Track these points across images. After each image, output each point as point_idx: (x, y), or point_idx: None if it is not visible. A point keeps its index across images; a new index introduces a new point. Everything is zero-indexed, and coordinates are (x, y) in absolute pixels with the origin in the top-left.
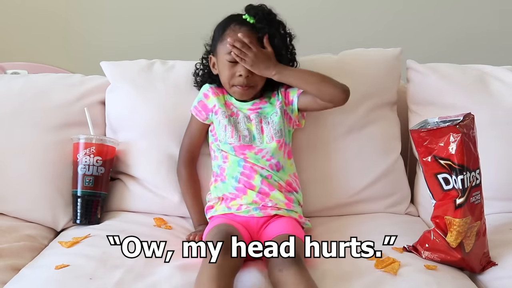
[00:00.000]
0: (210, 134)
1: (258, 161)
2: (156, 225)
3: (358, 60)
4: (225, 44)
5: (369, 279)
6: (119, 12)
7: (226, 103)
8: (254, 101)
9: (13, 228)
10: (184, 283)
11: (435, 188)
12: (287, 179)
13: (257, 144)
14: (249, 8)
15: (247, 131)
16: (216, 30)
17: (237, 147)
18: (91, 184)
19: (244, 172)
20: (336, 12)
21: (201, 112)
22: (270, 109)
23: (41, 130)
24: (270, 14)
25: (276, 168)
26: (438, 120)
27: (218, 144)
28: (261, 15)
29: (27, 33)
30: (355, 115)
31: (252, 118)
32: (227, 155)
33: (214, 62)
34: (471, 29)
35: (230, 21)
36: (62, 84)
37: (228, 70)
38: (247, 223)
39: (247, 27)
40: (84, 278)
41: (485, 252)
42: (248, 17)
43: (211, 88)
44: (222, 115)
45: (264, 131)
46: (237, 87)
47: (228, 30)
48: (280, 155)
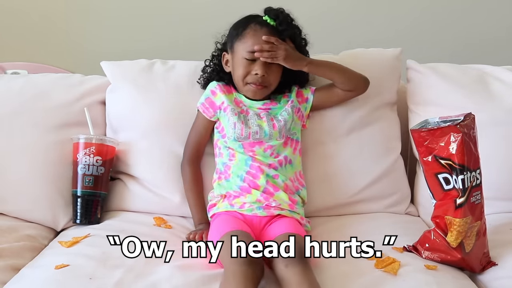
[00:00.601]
0: (216, 131)
1: (266, 158)
2: (156, 225)
3: (358, 60)
4: (244, 42)
5: (369, 279)
6: (119, 12)
7: (236, 101)
8: (264, 101)
9: (13, 228)
10: (184, 283)
11: (435, 188)
12: (294, 175)
13: (267, 140)
14: (269, 10)
15: (257, 127)
16: (234, 28)
17: (247, 144)
18: (91, 184)
19: (250, 171)
20: (336, 13)
21: (208, 109)
22: (280, 109)
23: (41, 130)
24: (289, 17)
25: (284, 162)
26: (439, 120)
27: (225, 141)
28: (281, 18)
29: (27, 33)
30: (355, 116)
31: (262, 116)
32: (234, 153)
33: (227, 60)
34: (471, 29)
35: (249, 21)
36: (62, 84)
37: (244, 68)
38: (250, 222)
39: (268, 28)
40: (84, 278)
41: (485, 252)
42: (269, 19)
43: (219, 85)
44: (232, 112)
45: (276, 127)
46: (251, 85)
47: (249, 29)
48: (289, 151)
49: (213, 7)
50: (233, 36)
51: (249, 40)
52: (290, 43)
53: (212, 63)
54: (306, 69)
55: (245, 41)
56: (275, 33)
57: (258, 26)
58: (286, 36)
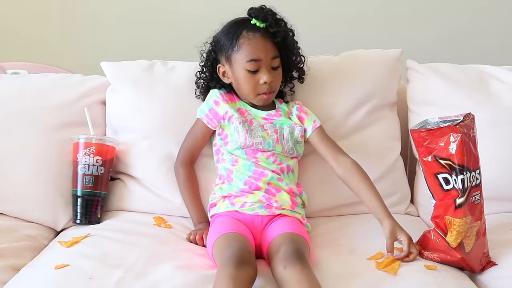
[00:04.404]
0: (219, 138)
1: (269, 165)
2: (156, 224)
3: (358, 61)
4: (241, 53)
5: (369, 279)
6: (119, 12)
7: (240, 110)
8: (269, 111)
9: (13, 228)
10: (184, 283)
11: (435, 188)
12: (295, 182)
13: (270, 150)
14: (254, 12)
15: (261, 138)
16: (226, 39)
17: (249, 150)
18: (91, 184)
19: (253, 176)
20: (336, 13)
21: (212, 120)
22: (284, 121)
23: (41, 130)
24: (276, 15)
25: (287, 170)
26: (438, 120)
27: (228, 148)
28: (270, 19)
29: (27, 33)
30: (355, 116)
31: (266, 128)
32: (237, 159)
33: (224, 71)
34: (471, 29)
35: (239, 28)
36: (62, 84)
37: (249, 80)
38: (251, 222)
39: (260, 32)
40: (84, 278)
41: (485, 252)
42: (258, 22)
43: (221, 94)
44: (237, 121)
45: (279, 141)
46: (263, 95)
47: (242, 38)
48: (292, 161)
49: (213, 7)
50: (226, 47)
51: (246, 49)
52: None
53: (205, 75)
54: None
55: (242, 51)
56: (269, 36)
57: (250, 33)
58: (280, 37)
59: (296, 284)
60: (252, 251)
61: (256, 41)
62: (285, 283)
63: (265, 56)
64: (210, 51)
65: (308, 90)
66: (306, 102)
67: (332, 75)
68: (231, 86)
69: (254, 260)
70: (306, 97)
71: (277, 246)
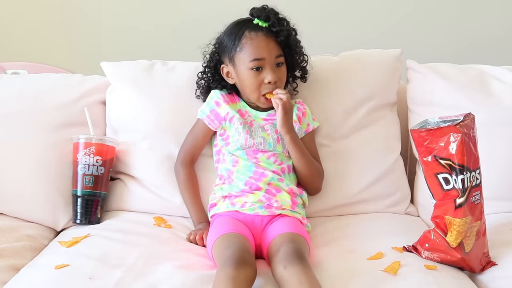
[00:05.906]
0: (220, 138)
1: (270, 165)
2: (156, 224)
3: (358, 61)
4: (244, 52)
5: (369, 279)
6: (119, 12)
7: (241, 112)
8: (269, 111)
9: (13, 228)
10: (184, 283)
11: (435, 188)
12: (296, 182)
13: (271, 150)
14: (256, 11)
15: (261, 139)
16: (228, 39)
17: (250, 151)
18: (91, 184)
19: (254, 176)
20: (336, 13)
21: (213, 121)
22: None
23: (41, 130)
24: (278, 15)
25: (287, 171)
26: (438, 120)
27: (229, 149)
28: (272, 19)
29: (27, 33)
30: (355, 116)
31: (266, 128)
32: (238, 159)
33: (228, 71)
34: (471, 29)
35: (242, 28)
36: (62, 84)
37: (253, 79)
38: (251, 223)
39: (263, 31)
40: (84, 278)
41: (485, 252)
42: (260, 22)
43: (222, 95)
44: (237, 122)
45: (280, 141)
46: (266, 98)
47: (245, 38)
48: (291, 161)
49: (213, 7)
50: (230, 48)
51: (249, 49)
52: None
53: (207, 75)
54: (288, 137)
55: (246, 51)
56: (271, 35)
57: (253, 33)
58: (284, 36)
59: (296, 284)
60: (252, 252)
61: (259, 41)
62: (285, 283)
63: (269, 55)
64: (213, 52)
65: (308, 90)
66: (306, 102)
67: (332, 75)
68: (232, 87)
69: (253, 260)
70: (306, 97)
71: (277, 246)
